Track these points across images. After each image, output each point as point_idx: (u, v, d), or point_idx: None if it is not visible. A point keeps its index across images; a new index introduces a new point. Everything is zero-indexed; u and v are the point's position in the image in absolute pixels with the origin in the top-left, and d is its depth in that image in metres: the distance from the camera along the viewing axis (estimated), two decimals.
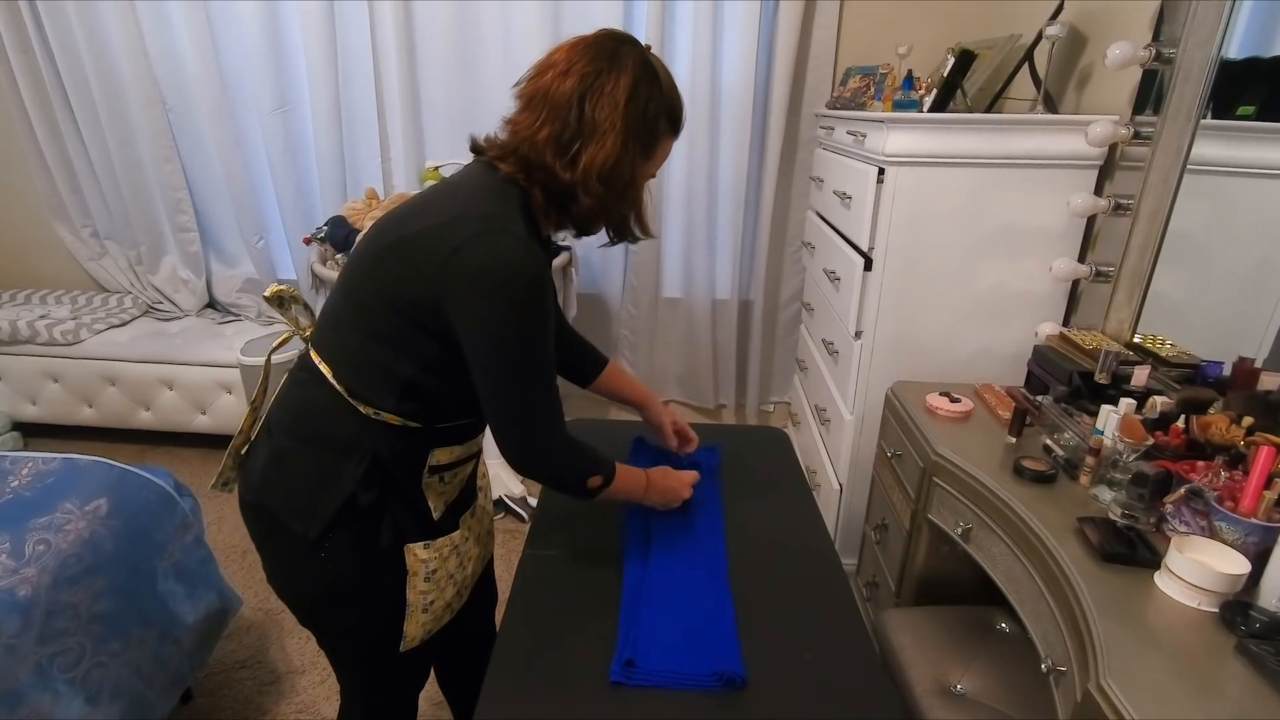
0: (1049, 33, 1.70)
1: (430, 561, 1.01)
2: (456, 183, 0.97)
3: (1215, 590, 0.91)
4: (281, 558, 1.01)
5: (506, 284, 0.86)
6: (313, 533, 0.93)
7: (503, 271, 0.85)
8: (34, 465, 1.36)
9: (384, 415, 0.93)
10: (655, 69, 0.93)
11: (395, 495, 0.97)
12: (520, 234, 0.88)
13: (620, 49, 0.91)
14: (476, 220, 0.87)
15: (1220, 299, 1.43)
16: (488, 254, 0.85)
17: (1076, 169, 1.64)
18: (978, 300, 1.76)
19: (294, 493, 0.95)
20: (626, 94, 0.89)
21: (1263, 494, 0.96)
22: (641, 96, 0.90)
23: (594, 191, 0.91)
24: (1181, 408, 1.20)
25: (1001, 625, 1.37)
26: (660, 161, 0.99)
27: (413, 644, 1.04)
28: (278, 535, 0.98)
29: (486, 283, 0.85)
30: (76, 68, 2.64)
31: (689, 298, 2.80)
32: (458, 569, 1.07)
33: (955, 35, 2.30)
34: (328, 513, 0.93)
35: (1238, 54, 1.33)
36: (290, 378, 1.02)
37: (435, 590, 1.03)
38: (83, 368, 2.70)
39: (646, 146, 0.94)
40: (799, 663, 0.93)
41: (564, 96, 0.89)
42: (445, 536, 1.03)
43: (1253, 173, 1.37)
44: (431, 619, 1.05)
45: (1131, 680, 0.81)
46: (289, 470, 0.96)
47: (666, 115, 0.95)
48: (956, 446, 1.39)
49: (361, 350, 0.93)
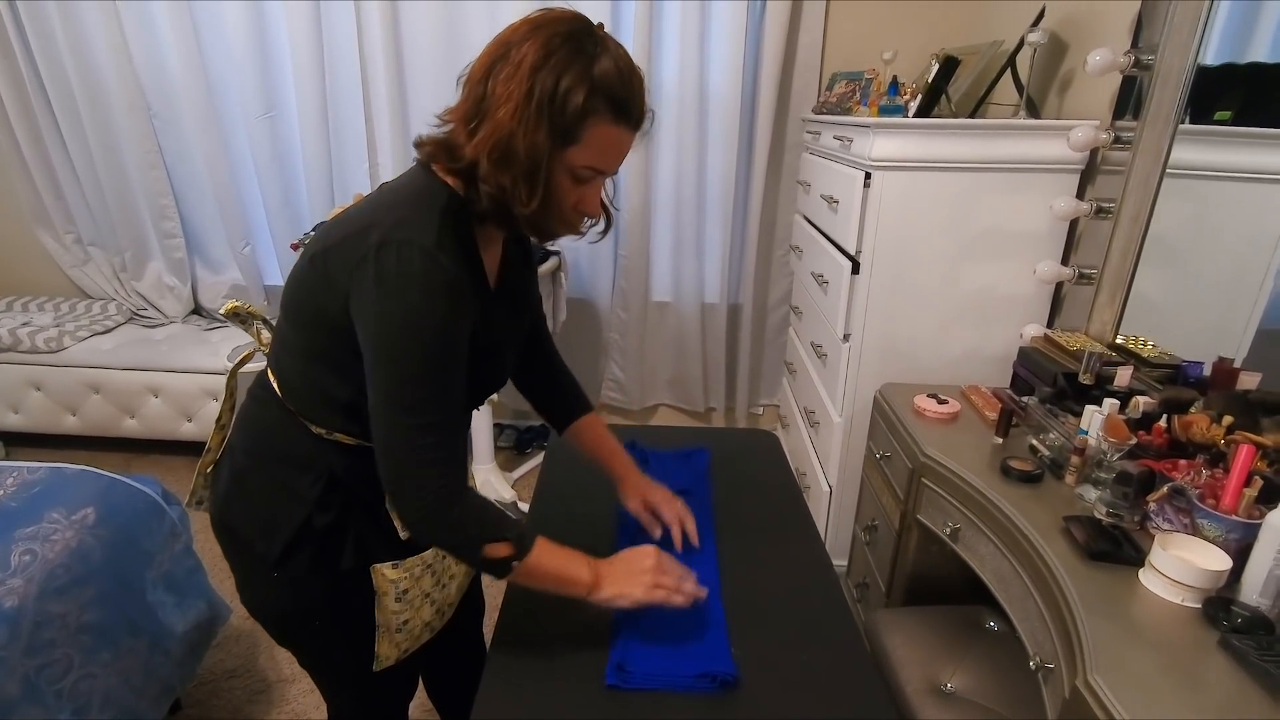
0: (1030, 39, 1.73)
1: (400, 582, 0.96)
2: (389, 186, 0.91)
3: (1198, 586, 0.93)
4: (249, 577, 0.98)
5: (398, 297, 0.77)
6: (274, 553, 0.91)
7: (397, 283, 0.77)
8: (19, 475, 1.35)
9: (336, 435, 0.90)
10: (587, 44, 0.79)
11: (358, 514, 0.93)
12: (426, 244, 0.78)
13: (550, 21, 0.80)
14: (383, 230, 0.79)
15: (1200, 300, 1.46)
16: (385, 265, 0.78)
17: (1059, 173, 1.67)
18: (964, 303, 1.78)
19: (254, 512, 0.93)
20: (532, 63, 0.77)
21: (1243, 491, 0.98)
22: (553, 67, 0.77)
23: (486, 171, 0.80)
24: (1163, 407, 1.23)
25: (990, 624, 1.39)
26: (600, 153, 0.83)
27: (387, 663, 1.00)
28: (243, 554, 0.96)
29: (381, 296, 0.78)
30: (59, 72, 2.61)
31: (678, 301, 2.81)
32: (434, 588, 1.02)
33: (939, 41, 2.33)
34: (286, 533, 0.90)
35: (1214, 60, 1.36)
36: (249, 394, 0.99)
37: (409, 610, 0.99)
38: (66, 375, 2.67)
39: (559, 125, 0.78)
40: (792, 664, 0.93)
41: (478, 71, 0.81)
42: (416, 555, 0.97)
43: (1230, 176, 1.40)
44: (408, 639, 1.01)
45: (1118, 676, 0.83)
46: (248, 489, 0.94)
47: (601, 96, 0.79)
48: (944, 447, 1.40)
49: (302, 372, 0.90)
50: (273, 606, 0.99)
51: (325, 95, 2.60)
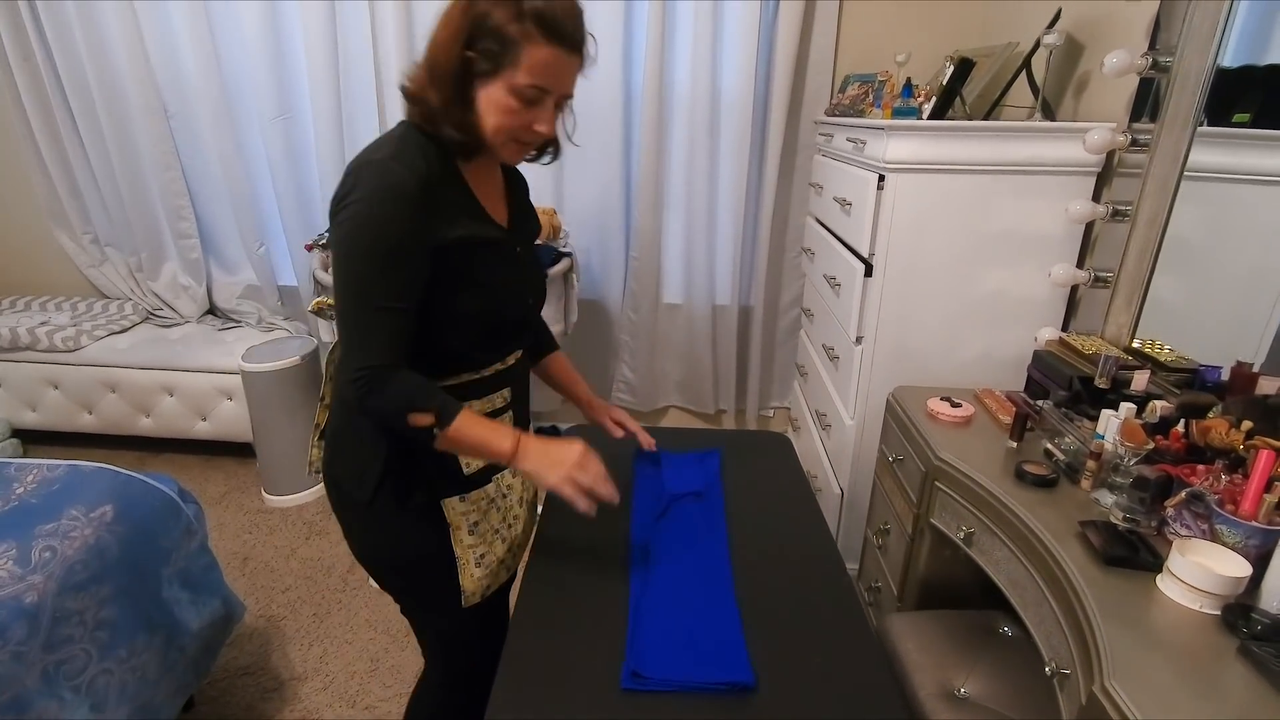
0: (1046, 41, 1.72)
1: (470, 515, 1.07)
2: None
3: (1217, 593, 0.92)
4: (350, 522, 1.12)
5: (355, 202, 0.89)
6: (364, 494, 1.04)
7: (355, 194, 0.89)
8: (39, 472, 1.37)
9: None
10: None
11: (424, 455, 1.02)
12: (378, 159, 0.91)
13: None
14: (352, 163, 0.93)
15: (1218, 304, 1.45)
16: (348, 185, 0.90)
17: (1075, 175, 1.66)
18: (977, 305, 1.77)
19: (346, 462, 1.07)
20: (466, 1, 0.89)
21: (1263, 497, 0.97)
22: (486, 1, 0.88)
23: (423, 92, 0.92)
24: (1181, 412, 1.22)
25: (1004, 629, 1.38)
26: (540, 73, 0.91)
27: (474, 599, 1.10)
28: (345, 503, 1.09)
29: (339, 207, 0.91)
30: (78, 74, 2.65)
31: (689, 303, 2.81)
32: (502, 524, 1.13)
33: (952, 43, 2.32)
34: (372, 477, 1.03)
35: (1232, 62, 1.35)
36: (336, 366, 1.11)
37: (483, 544, 1.09)
38: (83, 374, 2.70)
39: (495, 50, 0.89)
40: (806, 666, 0.93)
41: (442, 13, 0.93)
42: (479, 489, 1.08)
43: (1249, 179, 1.39)
44: (486, 573, 1.11)
45: (1136, 683, 0.82)
46: (341, 444, 1.08)
47: (532, 21, 0.88)
48: (958, 451, 1.40)
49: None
50: (371, 547, 1.12)
51: (340, 96, 2.62)
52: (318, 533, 2.42)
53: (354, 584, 2.17)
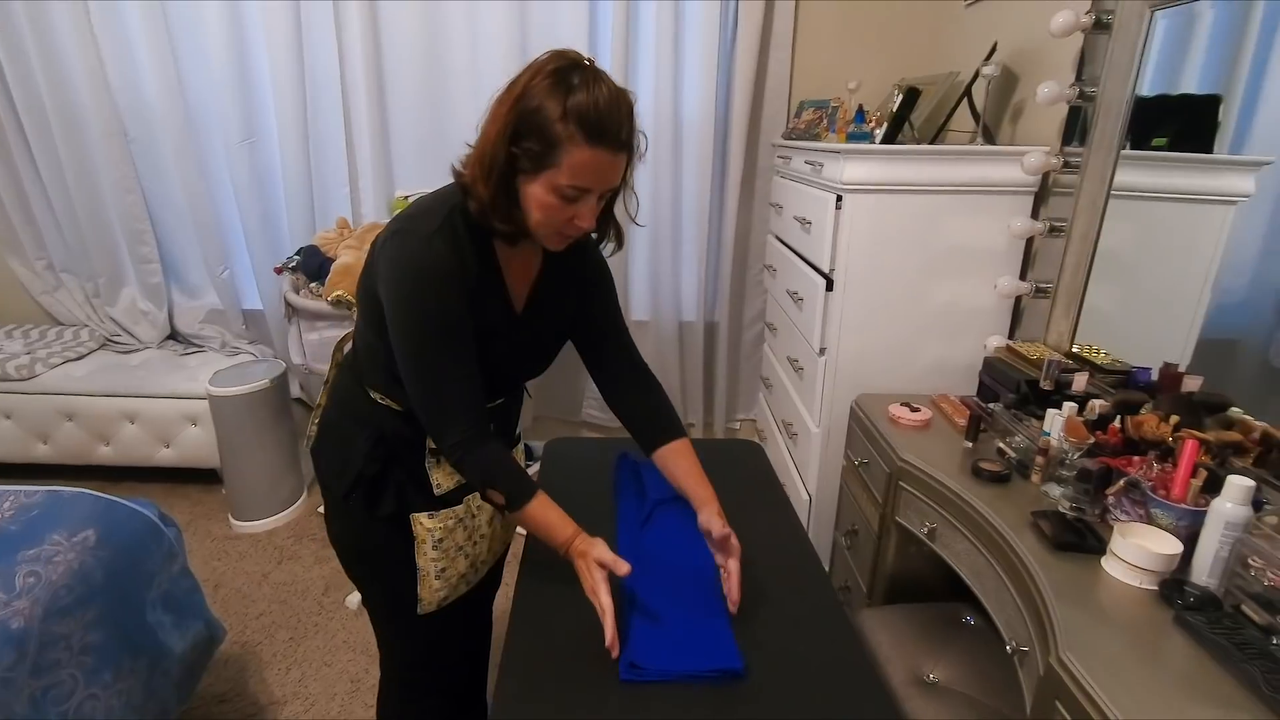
0: (985, 71, 1.86)
1: (435, 531, 1.11)
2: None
3: (1155, 570, 1.02)
4: (329, 509, 1.19)
5: (400, 277, 0.96)
6: (340, 490, 1.10)
7: (399, 265, 0.96)
8: (16, 498, 1.35)
9: (388, 400, 1.09)
10: (571, 77, 0.90)
11: (399, 469, 1.10)
12: (426, 232, 0.96)
13: (547, 59, 0.93)
14: (403, 219, 1.00)
15: (1146, 311, 1.57)
16: (394, 251, 0.97)
17: (1015, 195, 1.79)
18: (931, 316, 1.89)
19: (331, 456, 1.15)
20: (518, 93, 0.91)
21: (1190, 482, 1.07)
22: (533, 96, 0.90)
23: (473, 181, 0.96)
24: (1117, 409, 1.33)
25: (966, 618, 1.47)
26: (580, 173, 0.92)
27: (429, 609, 1.15)
28: (326, 488, 1.17)
29: (389, 274, 0.97)
30: (33, 96, 2.60)
31: (656, 320, 2.88)
32: (466, 542, 1.17)
33: (898, 72, 2.47)
34: (348, 477, 1.09)
35: (1149, 91, 1.49)
36: (340, 364, 1.22)
37: (445, 559, 1.14)
38: (38, 403, 2.63)
39: (534, 144, 0.91)
40: (790, 655, 1.00)
41: (493, 101, 0.97)
42: (449, 509, 1.13)
43: (1169, 197, 1.52)
44: (445, 586, 1.15)
45: (1087, 653, 0.91)
46: (329, 437, 1.17)
47: (575, 123, 0.89)
48: (919, 452, 1.49)
49: (363, 339, 1.09)
50: (341, 538, 1.19)
51: (307, 121, 2.63)
52: (289, 557, 2.40)
53: (329, 607, 2.16)
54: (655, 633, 1.00)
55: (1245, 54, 1.30)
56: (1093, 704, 0.84)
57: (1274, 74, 1.24)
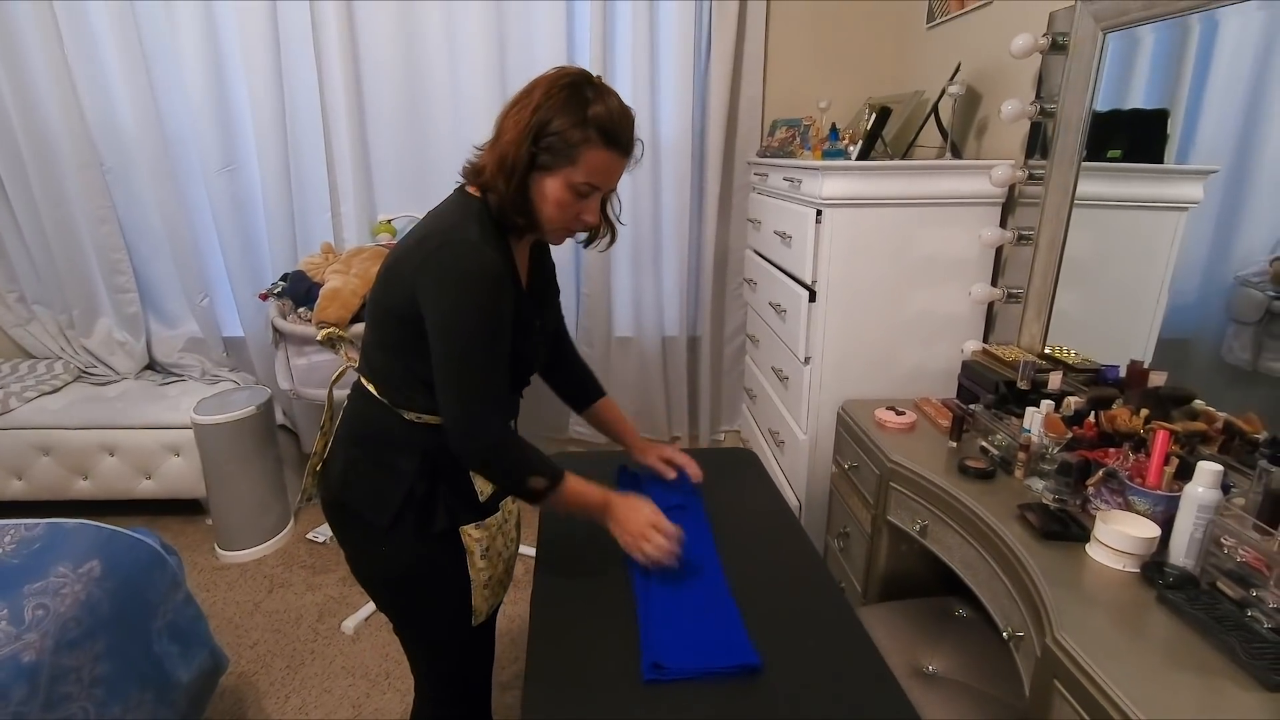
0: (950, 90, 1.96)
1: (483, 540, 1.16)
2: (435, 209, 1.13)
3: (1135, 553, 1.09)
4: (361, 546, 1.18)
5: (459, 282, 1.00)
6: (384, 521, 1.10)
7: (456, 271, 1.00)
8: (16, 532, 1.33)
9: (425, 417, 1.11)
10: (586, 90, 1.03)
11: (446, 484, 1.13)
12: (472, 238, 1.02)
13: (559, 74, 1.05)
14: (439, 234, 1.04)
15: (1111, 312, 1.66)
16: (448, 259, 1.01)
17: (984, 206, 1.89)
18: (910, 323, 1.97)
19: (367, 490, 1.14)
20: (536, 103, 1.02)
21: (1163, 470, 1.15)
22: (551, 106, 1.01)
23: (495, 183, 1.04)
24: (1090, 405, 1.41)
25: (959, 611, 1.53)
26: (595, 172, 1.05)
27: (481, 618, 1.20)
28: (357, 526, 1.16)
29: (445, 282, 1.01)
30: (5, 129, 2.57)
31: (640, 336, 2.93)
32: (505, 547, 1.23)
33: (867, 91, 2.58)
34: (394, 504, 1.10)
35: (1104, 107, 1.59)
36: (350, 400, 1.21)
37: (490, 567, 1.19)
38: (12, 438, 2.57)
39: (553, 148, 1.02)
40: (802, 648, 1.04)
41: (503, 111, 1.07)
42: (492, 516, 1.18)
43: (1126, 205, 1.62)
44: (491, 593, 1.21)
45: (1080, 632, 0.97)
46: (361, 471, 1.15)
47: (594, 128, 1.01)
48: (907, 453, 1.55)
49: (387, 364, 1.12)
50: (383, 571, 1.18)
51: (286, 145, 2.64)
52: (280, 585, 2.37)
53: (325, 633, 2.14)
54: (673, 634, 1.04)
55: (1186, 71, 1.40)
56: (1090, 680, 0.90)
57: (1213, 89, 1.34)
